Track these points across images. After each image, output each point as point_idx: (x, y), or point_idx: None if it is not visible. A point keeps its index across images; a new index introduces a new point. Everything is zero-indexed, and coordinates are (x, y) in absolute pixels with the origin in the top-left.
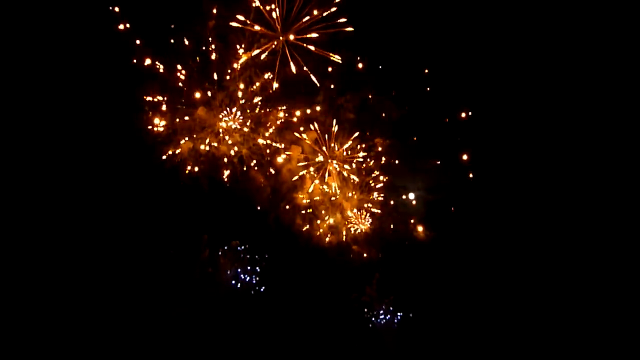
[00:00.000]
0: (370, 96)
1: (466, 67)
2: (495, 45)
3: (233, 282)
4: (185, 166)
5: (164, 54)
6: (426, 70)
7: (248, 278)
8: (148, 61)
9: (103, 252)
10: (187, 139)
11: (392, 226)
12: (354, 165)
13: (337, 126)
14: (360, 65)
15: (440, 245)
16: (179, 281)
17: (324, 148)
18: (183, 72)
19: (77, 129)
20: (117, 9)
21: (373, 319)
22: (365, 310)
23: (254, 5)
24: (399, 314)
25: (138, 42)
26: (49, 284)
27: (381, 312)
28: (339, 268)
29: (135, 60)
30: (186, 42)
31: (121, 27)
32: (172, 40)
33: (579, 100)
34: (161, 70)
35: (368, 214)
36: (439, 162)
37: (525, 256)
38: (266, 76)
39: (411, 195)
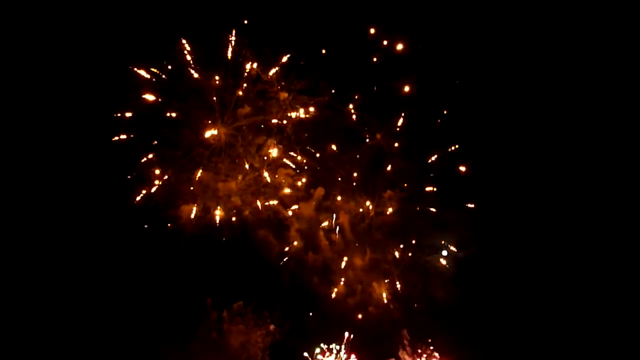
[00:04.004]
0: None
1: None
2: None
3: (240, 347)
4: (187, 229)
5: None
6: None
7: (258, 343)
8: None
9: (103, 320)
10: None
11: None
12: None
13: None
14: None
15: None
16: (181, 348)
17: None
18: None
19: (79, 193)
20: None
21: None
22: None
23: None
24: None
25: None
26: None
27: None
28: (360, 329)
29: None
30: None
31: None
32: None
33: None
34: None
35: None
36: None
37: (559, 310)
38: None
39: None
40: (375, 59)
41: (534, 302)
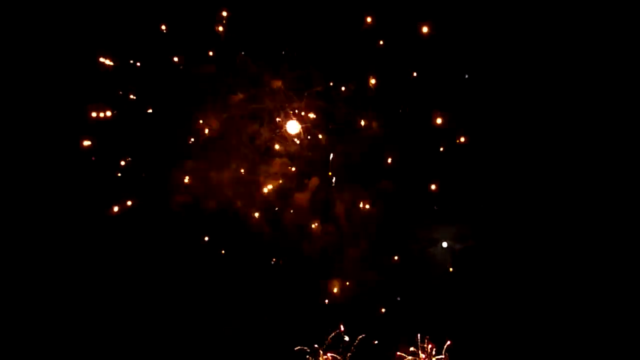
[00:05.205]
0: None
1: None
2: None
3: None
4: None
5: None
6: None
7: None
8: None
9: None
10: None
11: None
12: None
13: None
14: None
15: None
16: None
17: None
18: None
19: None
20: None
21: None
22: None
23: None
24: None
25: None
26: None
27: None
28: (356, 321)
29: None
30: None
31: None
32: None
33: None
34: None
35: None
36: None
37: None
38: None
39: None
40: (373, 47)
41: (531, 294)
